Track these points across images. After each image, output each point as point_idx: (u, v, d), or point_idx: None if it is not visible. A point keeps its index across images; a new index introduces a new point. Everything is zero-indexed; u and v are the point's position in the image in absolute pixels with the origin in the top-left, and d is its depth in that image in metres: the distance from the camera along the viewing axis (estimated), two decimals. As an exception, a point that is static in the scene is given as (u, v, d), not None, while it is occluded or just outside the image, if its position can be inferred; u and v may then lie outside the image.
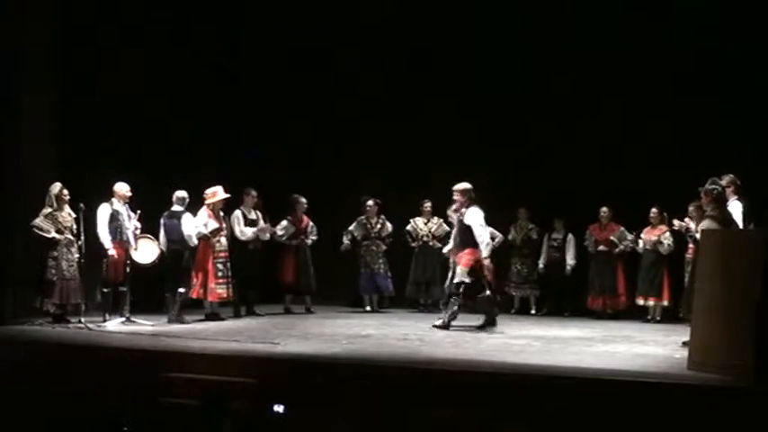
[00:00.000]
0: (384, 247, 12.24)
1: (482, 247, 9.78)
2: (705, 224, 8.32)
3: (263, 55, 12.70)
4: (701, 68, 11.31)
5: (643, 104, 11.61)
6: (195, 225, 10.46)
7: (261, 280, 11.39)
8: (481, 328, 9.83)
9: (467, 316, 10.09)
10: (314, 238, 11.95)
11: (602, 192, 11.74)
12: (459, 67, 12.49)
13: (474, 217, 9.83)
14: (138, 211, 10.30)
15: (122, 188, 10.22)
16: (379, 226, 12.18)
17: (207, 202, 10.70)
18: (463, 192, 9.97)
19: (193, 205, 10.61)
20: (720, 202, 8.36)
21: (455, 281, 9.86)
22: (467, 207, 9.91)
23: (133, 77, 11.05)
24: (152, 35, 11.28)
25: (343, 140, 12.88)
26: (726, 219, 8.27)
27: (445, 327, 9.81)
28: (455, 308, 9.83)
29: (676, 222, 9.37)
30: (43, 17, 10.45)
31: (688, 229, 8.97)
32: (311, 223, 11.96)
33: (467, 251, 9.84)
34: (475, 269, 9.77)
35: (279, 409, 6.96)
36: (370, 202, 12.09)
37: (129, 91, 11.02)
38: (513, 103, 12.14)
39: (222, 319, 10.65)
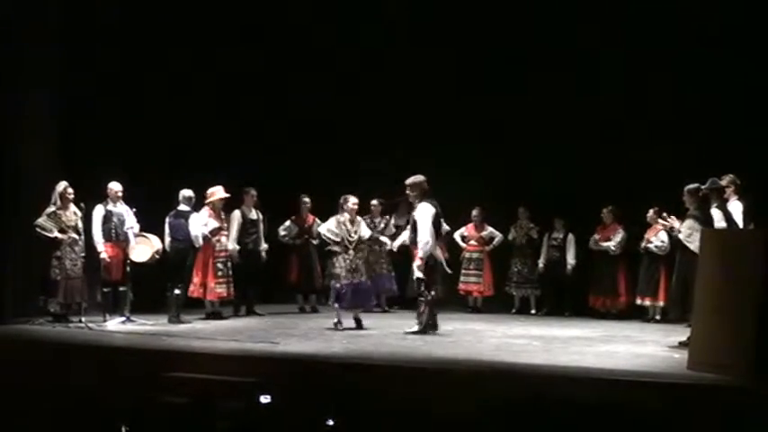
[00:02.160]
0: (389, 248, 12.22)
1: (420, 245, 9.25)
2: (688, 224, 8.40)
3: (263, 55, 12.68)
4: (701, 68, 11.30)
5: (644, 104, 11.60)
6: (200, 225, 10.47)
7: (261, 279, 11.39)
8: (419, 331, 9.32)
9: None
10: None
11: (603, 192, 11.73)
12: (460, 66, 12.49)
13: (421, 213, 9.31)
14: (134, 209, 10.29)
15: (113, 187, 10.20)
16: (382, 226, 12.17)
17: (206, 201, 10.72)
18: (413, 186, 9.48)
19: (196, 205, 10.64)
20: (703, 201, 8.41)
21: (414, 278, 9.61)
22: (418, 202, 9.42)
23: (134, 77, 11.06)
24: (152, 34, 11.27)
25: (344, 140, 12.89)
26: (708, 218, 8.30)
27: (423, 331, 9.33)
28: (423, 307, 9.37)
29: (661, 221, 9.33)
30: (44, 17, 10.45)
31: (672, 228, 8.93)
32: (318, 222, 11.95)
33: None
34: (427, 264, 9.36)
35: (266, 399, 6.95)
36: (374, 202, 12.07)
37: (130, 91, 11.03)
38: (513, 103, 12.14)
39: (224, 318, 10.68)
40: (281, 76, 12.89)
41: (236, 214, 11.08)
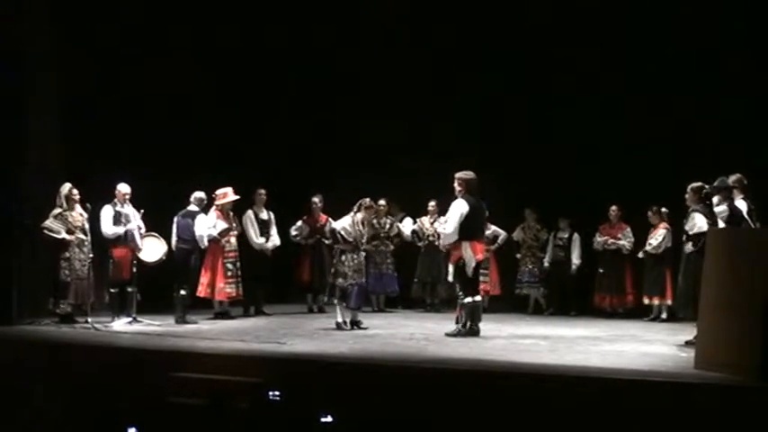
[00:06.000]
0: (392, 247, 12.26)
1: (442, 236, 9.46)
2: (693, 218, 8.42)
3: (265, 54, 12.70)
4: (702, 68, 11.28)
5: (645, 104, 11.59)
6: (207, 227, 10.49)
7: (270, 279, 11.41)
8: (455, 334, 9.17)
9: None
10: None
11: (608, 192, 11.74)
12: (463, 68, 12.48)
13: (454, 207, 9.29)
14: (142, 210, 10.30)
15: (121, 189, 10.20)
16: (387, 226, 12.19)
17: (217, 202, 10.74)
18: (460, 179, 9.36)
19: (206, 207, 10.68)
20: (705, 199, 8.44)
21: (449, 280, 9.63)
22: (460, 197, 9.36)
23: (136, 78, 11.07)
24: (153, 35, 11.28)
25: (345, 140, 12.90)
26: (712, 214, 8.34)
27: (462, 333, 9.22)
28: (459, 310, 9.35)
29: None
30: (46, 18, 10.46)
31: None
32: (332, 222, 11.93)
33: (455, 245, 9.39)
34: (458, 266, 9.30)
35: (327, 419, 6.87)
36: (381, 202, 12.06)
37: (132, 92, 11.04)
38: (516, 104, 12.13)
39: (231, 318, 10.71)
40: (283, 75, 12.92)
41: (249, 214, 11.17)
